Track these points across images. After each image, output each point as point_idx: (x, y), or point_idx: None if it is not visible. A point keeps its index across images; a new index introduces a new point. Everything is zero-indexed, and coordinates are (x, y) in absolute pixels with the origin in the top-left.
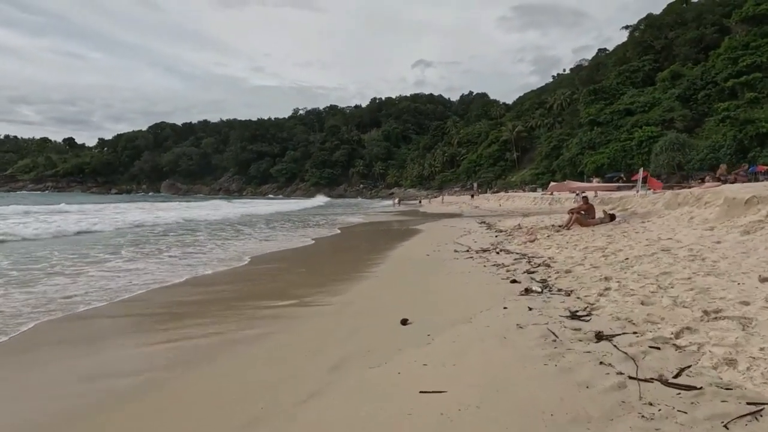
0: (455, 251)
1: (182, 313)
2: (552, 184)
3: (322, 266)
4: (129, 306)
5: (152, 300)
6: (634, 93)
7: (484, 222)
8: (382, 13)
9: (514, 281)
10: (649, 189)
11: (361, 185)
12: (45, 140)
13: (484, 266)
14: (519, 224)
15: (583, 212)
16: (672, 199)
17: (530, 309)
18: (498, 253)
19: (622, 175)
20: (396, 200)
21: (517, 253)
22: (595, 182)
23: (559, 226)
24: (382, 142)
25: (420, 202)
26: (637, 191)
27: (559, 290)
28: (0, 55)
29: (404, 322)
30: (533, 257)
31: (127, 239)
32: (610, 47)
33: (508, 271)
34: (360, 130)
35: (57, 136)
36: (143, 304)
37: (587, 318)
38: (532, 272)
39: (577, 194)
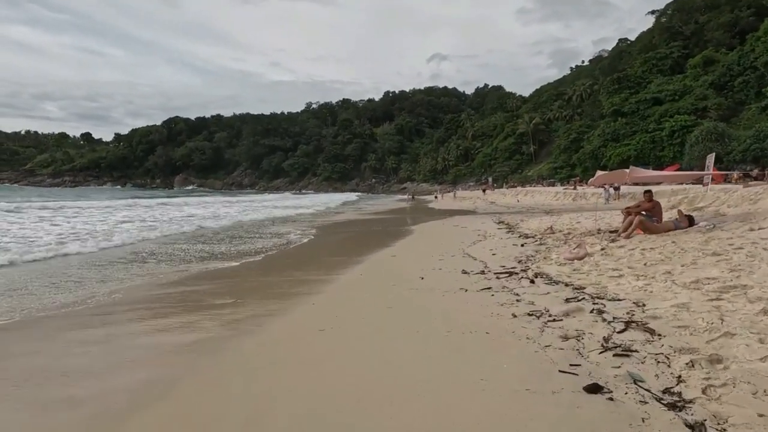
0: (463, 272)
1: None
2: (599, 173)
3: (256, 291)
4: None
5: None
6: (662, 81)
7: (503, 222)
8: (398, 5)
9: (595, 388)
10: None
11: (373, 180)
12: (63, 135)
13: (514, 315)
14: (551, 227)
15: (645, 212)
16: None
17: None
18: (533, 281)
19: (651, 168)
20: (409, 195)
21: (566, 284)
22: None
23: (611, 232)
24: (395, 136)
25: (436, 197)
26: (706, 184)
27: None
28: (25, 53)
29: None
30: (599, 297)
31: None
32: (633, 38)
33: (565, 338)
34: (373, 123)
35: (79, 131)
36: None
37: None
38: (620, 350)
39: (606, 187)
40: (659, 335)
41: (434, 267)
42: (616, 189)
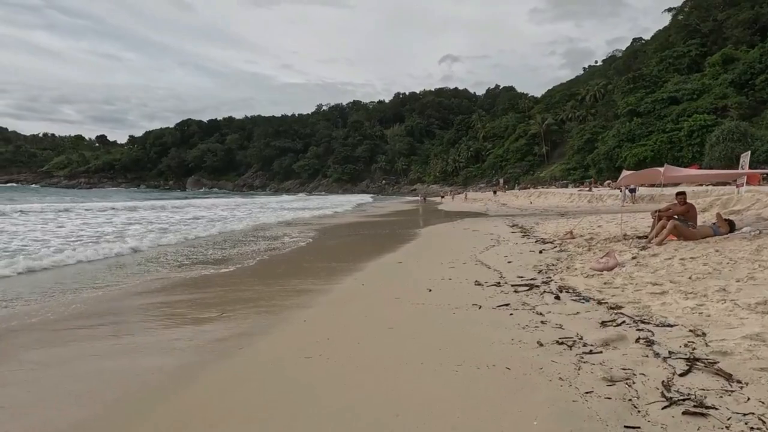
0: (476, 283)
1: None
2: (626, 173)
3: (247, 302)
4: None
5: None
6: (680, 80)
7: (517, 225)
8: (410, 7)
9: None
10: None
11: (383, 181)
12: (79, 138)
13: (539, 343)
14: (571, 232)
15: (678, 216)
16: None
17: None
18: (558, 296)
19: None
20: (421, 197)
21: (599, 302)
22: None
23: (639, 238)
24: (405, 138)
25: (442, 197)
26: (741, 185)
27: None
28: (45, 58)
29: None
30: (642, 321)
31: None
32: (647, 37)
33: (610, 381)
34: (383, 125)
35: (95, 134)
36: None
37: None
38: (691, 404)
39: (621, 189)
40: (738, 382)
41: (443, 276)
42: (632, 191)
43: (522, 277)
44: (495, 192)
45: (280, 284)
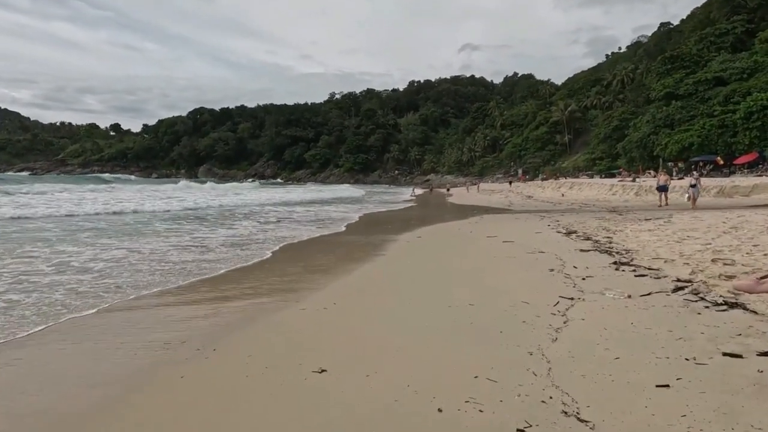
0: None
1: None
2: None
3: None
4: None
5: None
6: (726, 58)
7: (576, 232)
8: None
9: None
10: None
11: (396, 171)
12: (94, 126)
13: None
14: (735, 268)
15: None
16: None
17: None
18: None
19: (719, 157)
20: (413, 189)
21: None
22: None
23: None
24: (419, 127)
25: (448, 189)
26: None
27: None
28: (70, 49)
29: None
30: None
31: None
32: (676, 23)
33: None
34: (397, 114)
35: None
36: None
37: None
38: None
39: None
40: None
41: None
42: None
43: None
44: (510, 182)
45: None
